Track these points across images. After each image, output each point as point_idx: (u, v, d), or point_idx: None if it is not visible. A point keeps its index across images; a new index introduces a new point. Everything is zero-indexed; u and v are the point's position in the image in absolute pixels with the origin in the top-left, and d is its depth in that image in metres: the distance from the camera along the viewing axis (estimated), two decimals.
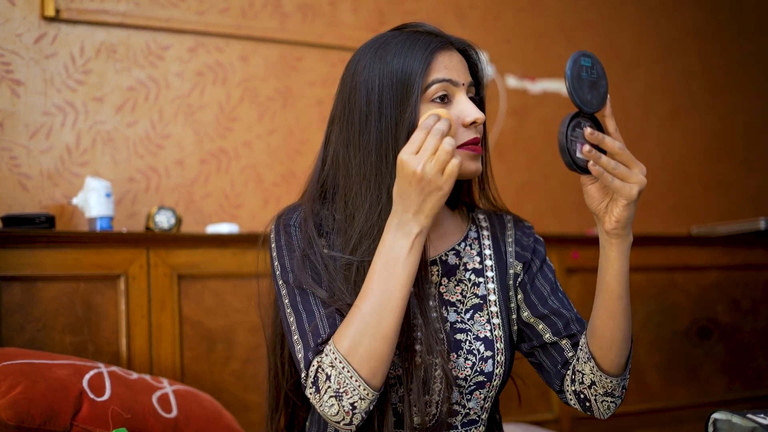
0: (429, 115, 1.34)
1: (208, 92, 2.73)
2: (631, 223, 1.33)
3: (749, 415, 1.34)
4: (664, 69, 3.83)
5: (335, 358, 1.29)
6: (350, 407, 1.30)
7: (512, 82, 3.37)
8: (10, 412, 1.66)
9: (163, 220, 2.38)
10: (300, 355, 1.35)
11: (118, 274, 2.22)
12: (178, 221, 2.40)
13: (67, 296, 2.16)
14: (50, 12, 2.46)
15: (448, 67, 1.41)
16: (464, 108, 1.41)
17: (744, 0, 4.11)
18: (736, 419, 1.35)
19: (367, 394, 1.30)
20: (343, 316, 1.37)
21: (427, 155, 1.29)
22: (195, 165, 2.69)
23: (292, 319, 1.39)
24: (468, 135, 1.41)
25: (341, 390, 1.29)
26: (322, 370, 1.30)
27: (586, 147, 1.26)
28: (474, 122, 1.41)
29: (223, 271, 2.36)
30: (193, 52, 2.71)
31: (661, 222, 3.64)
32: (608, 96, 1.32)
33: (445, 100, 1.41)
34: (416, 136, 1.31)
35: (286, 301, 1.41)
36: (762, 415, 1.35)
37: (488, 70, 3.21)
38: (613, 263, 1.36)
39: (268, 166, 2.81)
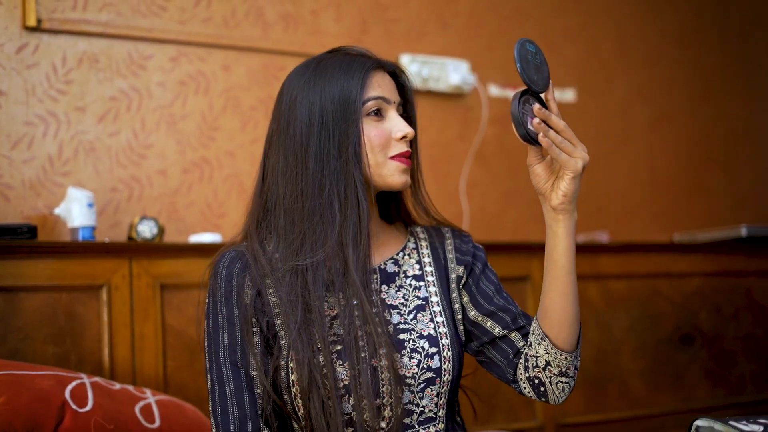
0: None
1: (191, 102, 2.73)
2: (575, 199, 1.45)
3: (731, 422, 1.35)
4: (646, 76, 3.85)
5: None
6: None
7: (494, 90, 3.38)
8: None
9: (146, 230, 2.38)
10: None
11: (100, 284, 2.21)
12: (161, 231, 2.40)
13: (50, 307, 2.15)
14: (32, 22, 2.45)
15: (381, 85, 1.56)
16: (396, 123, 1.56)
17: (726, 8, 4.14)
18: (718, 426, 1.35)
19: None
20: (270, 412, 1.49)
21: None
22: (178, 175, 2.68)
23: (211, 387, 1.50)
24: (399, 148, 1.55)
25: None
26: None
27: (536, 120, 1.40)
28: (404, 137, 1.55)
29: (206, 281, 2.35)
30: (175, 62, 2.71)
31: (644, 229, 3.65)
32: (551, 81, 1.45)
33: (379, 114, 1.54)
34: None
35: (209, 376, 1.51)
36: (744, 422, 1.36)
37: (470, 79, 3.22)
38: (561, 240, 1.48)
39: (251, 175, 2.79)
